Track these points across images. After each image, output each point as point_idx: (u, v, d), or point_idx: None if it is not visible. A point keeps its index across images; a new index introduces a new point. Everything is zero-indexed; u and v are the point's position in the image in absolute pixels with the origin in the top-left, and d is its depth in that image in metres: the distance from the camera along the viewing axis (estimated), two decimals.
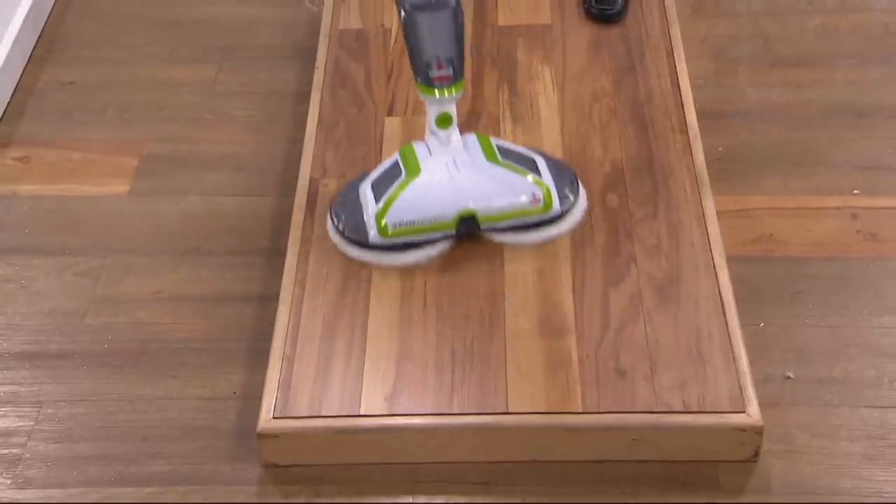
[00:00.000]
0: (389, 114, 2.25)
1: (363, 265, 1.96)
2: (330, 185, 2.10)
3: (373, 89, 2.30)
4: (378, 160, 2.14)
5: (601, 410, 1.75)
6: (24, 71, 2.53)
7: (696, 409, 1.74)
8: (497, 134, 2.18)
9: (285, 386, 1.79)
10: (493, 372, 1.81)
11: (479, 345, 1.84)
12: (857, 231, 2.11)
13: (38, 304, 2.05)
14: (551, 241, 1.98)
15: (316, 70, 2.35)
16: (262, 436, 1.75)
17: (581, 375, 1.79)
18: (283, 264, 1.97)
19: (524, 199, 1.95)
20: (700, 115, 2.23)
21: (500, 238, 1.97)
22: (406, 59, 2.33)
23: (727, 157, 2.26)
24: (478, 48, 2.38)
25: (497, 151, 1.99)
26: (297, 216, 2.05)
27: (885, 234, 2.10)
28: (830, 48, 2.52)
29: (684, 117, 2.21)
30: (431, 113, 1.94)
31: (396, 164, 1.99)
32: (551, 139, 2.18)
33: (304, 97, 2.32)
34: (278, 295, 1.92)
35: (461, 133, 1.98)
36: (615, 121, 2.21)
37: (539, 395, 1.77)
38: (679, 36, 2.38)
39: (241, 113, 2.43)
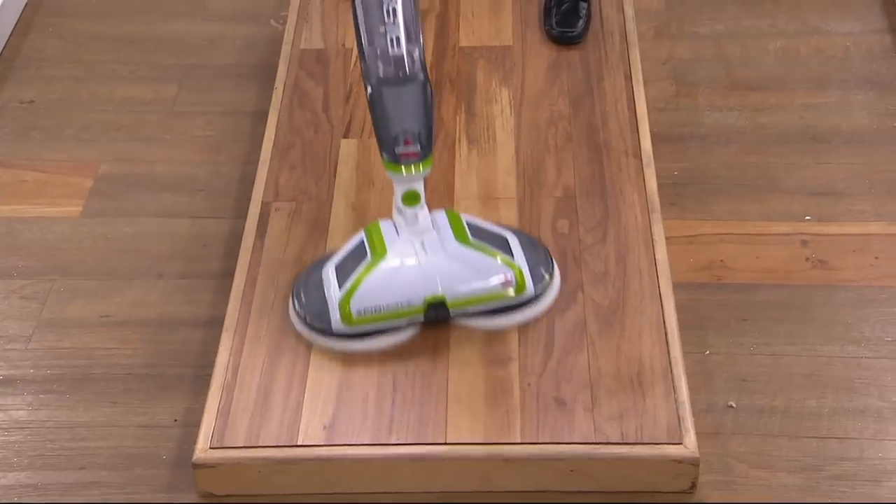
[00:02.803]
0: (346, 135, 2.25)
1: None
2: (282, 209, 2.10)
3: (330, 111, 2.30)
4: (332, 183, 2.14)
5: (539, 441, 1.75)
6: None
7: (633, 441, 1.74)
8: (452, 157, 2.18)
9: (224, 415, 1.78)
10: (434, 401, 1.80)
11: (422, 374, 1.84)
12: (807, 258, 2.10)
13: None
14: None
15: (274, 90, 2.35)
16: (197, 466, 1.74)
17: (521, 405, 1.79)
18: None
19: (495, 282, 1.85)
20: (658, 138, 2.23)
21: (471, 323, 1.88)
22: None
23: (682, 181, 2.26)
24: (438, 69, 2.38)
25: (467, 230, 1.89)
26: (247, 241, 2.05)
27: (834, 262, 2.09)
28: (790, 72, 2.51)
29: (639, 142, 2.20)
30: (398, 190, 1.84)
31: (362, 244, 1.89)
32: (506, 162, 2.17)
33: (263, 117, 2.31)
34: None
35: (430, 210, 1.88)
36: (570, 145, 2.21)
37: (478, 426, 1.77)
38: (638, 59, 2.38)
39: (200, 133, 2.42)
